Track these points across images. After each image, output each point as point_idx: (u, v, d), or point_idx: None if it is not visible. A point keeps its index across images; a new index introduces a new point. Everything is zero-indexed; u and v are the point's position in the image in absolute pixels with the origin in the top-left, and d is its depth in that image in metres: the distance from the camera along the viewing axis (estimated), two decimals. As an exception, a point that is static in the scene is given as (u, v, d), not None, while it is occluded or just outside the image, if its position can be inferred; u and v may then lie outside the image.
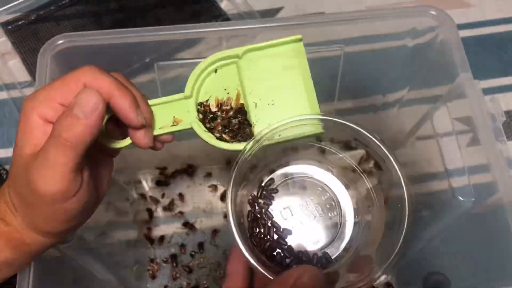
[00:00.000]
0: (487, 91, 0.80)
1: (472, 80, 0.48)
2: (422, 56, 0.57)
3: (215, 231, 0.72)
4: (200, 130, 0.42)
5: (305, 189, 0.46)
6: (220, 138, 0.42)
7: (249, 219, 0.44)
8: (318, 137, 0.44)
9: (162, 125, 0.42)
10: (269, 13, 0.88)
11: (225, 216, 0.70)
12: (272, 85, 0.43)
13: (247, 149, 0.41)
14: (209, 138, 0.42)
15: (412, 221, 0.39)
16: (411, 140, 0.59)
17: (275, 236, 0.43)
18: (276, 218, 0.44)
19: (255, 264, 0.38)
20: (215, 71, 0.44)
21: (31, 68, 0.81)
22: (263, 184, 0.45)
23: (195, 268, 0.70)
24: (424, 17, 0.53)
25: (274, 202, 0.45)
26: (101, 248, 0.55)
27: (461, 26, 0.86)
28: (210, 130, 0.43)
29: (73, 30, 0.84)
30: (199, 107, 0.44)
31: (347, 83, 0.63)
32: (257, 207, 0.44)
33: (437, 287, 0.59)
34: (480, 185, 0.47)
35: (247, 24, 0.53)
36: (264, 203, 0.44)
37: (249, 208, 0.44)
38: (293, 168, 0.47)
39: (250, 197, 0.45)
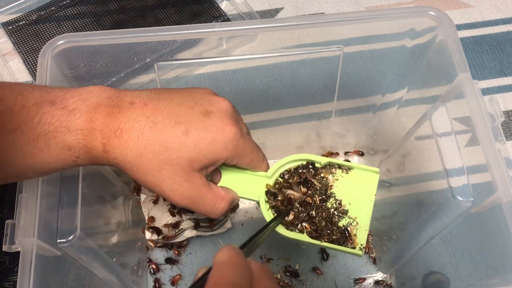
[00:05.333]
0: (486, 91, 0.81)
1: (471, 80, 0.49)
2: (421, 56, 0.57)
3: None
4: (264, 206, 0.48)
5: None
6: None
7: None
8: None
9: (240, 190, 0.48)
10: (269, 14, 0.88)
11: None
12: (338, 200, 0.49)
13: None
14: (267, 215, 0.48)
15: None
16: (410, 140, 0.59)
17: None
18: None
19: None
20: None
21: (31, 68, 0.81)
22: None
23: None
24: (423, 17, 0.53)
25: None
26: (102, 247, 0.55)
27: (460, 27, 0.86)
28: (274, 207, 0.48)
29: (73, 31, 0.84)
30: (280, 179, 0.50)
31: (346, 83, 0.63)
32: None
33: (436, 286, 0.60)
34: (479, 185, 0.47)
35: (247, 24, 0.53)
36: None
37: None
38: None
39: None
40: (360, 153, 0.78)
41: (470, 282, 0.54)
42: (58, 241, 0.45)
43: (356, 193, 0.48)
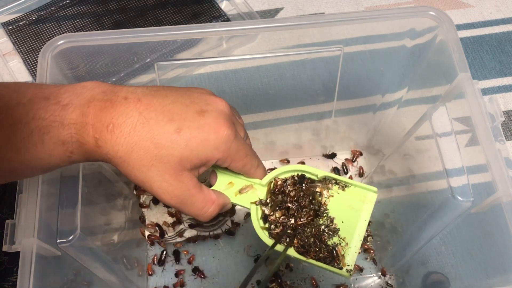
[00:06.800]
0: (486, 91, 0.81)
1: (471, 80, 0.49)
2: (421, 56, 0.57)
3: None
4: (254, 214, 0.47)
5: None
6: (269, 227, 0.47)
7: None
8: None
9: (233, 195, 0.48)
10: (269, 14, 0.88)
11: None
12: (331, 215, 0.48)
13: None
14: (257, 224, 0.47)
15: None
16: (410, 140, 0.59)
17: None
18: None
19: None
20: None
21: (31, 68, 0.81)
22: None
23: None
24: (423, 17, 0.53)
25: None
26: (102, 247, 0.55)
27: (460, 27, 0.86)
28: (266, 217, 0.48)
29: (73, 31, 0.84)
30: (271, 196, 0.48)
31: (346, 83, 0.63)
32: None
33: (436, 286, 0.60)
34: (479, 184, 0.47)
35: (247, 24, 0.53)
36: None
37: None
38: None
39: None
40: (359, 152, 0.78)
41: (470, 282, 0.54)
42: (58, 241, 0.45)
43: (351, 212, 0.47)
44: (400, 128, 0.64)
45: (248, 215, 0.72)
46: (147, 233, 0.70)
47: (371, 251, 0.71)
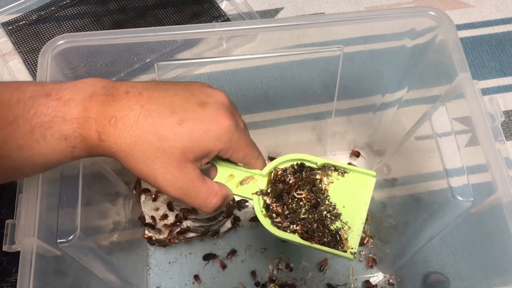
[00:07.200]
0: (486, 91, 0.81)
1: (471, 80, 0.49)
2: (421, 56, 0.57)
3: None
4: (257, 204, 0.48)
5: None
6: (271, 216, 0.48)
7: None
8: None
9: (235, 187, 0.49)
10: (269, 14, 0.88)
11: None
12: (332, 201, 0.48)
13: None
14: (260, 214, 0.48)
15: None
16: (410, 140, 0.59)
17: None
18: None
19: None
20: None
21: (31, 68, 0.81)
22: None
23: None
24: (423, 17, 0.53)
25: None
26: (102, 247, 0.55)
27: (460, 27, 0.86)
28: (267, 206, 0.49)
29: (73, 31, 0.84)
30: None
31: (346, 83, 0.63)
32: None
33: (436, 286, 0.60)
34: (479, 185, 0.47)
35: (247, 24, 0.53)
36: None
37: None
38: None
39: None
40: (357, 153, 0.78)
41: (470, 282, 0.54)
42: (58, 241, 0.45)
43: (351, 196, 0.48)
44: (400, 128, 0.64)
45: (252, 219, 0.73)
46: (146, 232, 0.70)
47: (372, 252, 0.71)
